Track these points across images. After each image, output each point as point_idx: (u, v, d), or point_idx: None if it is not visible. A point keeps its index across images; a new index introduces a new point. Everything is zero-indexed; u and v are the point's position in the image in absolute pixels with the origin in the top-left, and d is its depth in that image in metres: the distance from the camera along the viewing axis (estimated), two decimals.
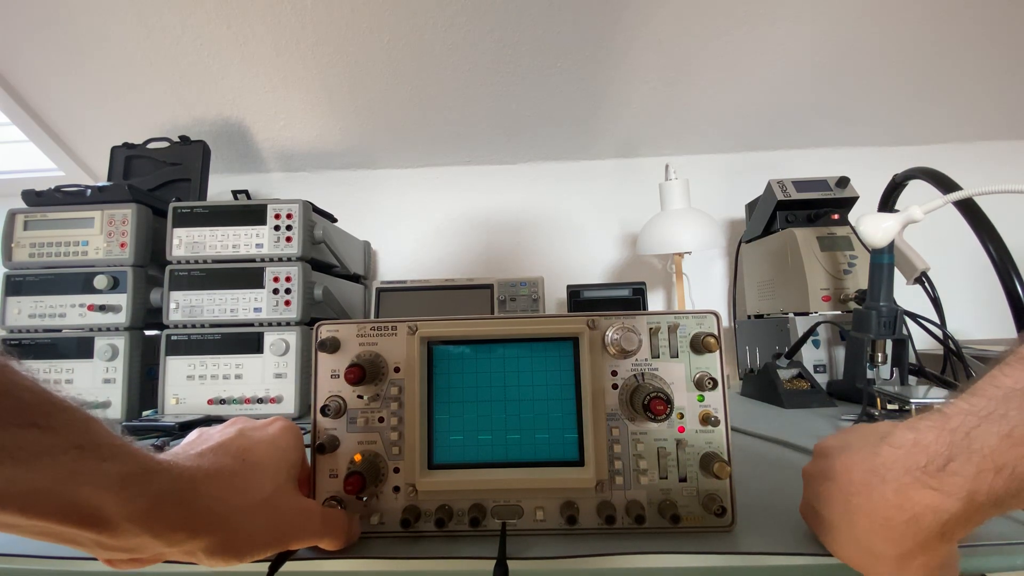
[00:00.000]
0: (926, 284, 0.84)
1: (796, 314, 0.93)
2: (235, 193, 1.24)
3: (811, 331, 0.85)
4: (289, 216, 0.83)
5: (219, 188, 1.29)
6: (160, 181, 1.06)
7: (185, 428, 0.69)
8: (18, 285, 0.83)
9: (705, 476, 0.36)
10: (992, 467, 0.21)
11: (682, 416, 0.37)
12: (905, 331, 0.76)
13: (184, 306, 0.82)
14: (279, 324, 0.81)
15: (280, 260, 0.83)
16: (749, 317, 1.12)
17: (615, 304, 1.03)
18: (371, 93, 1.11)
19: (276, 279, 0.81)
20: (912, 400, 0.60)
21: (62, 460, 0.21)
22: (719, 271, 1.31)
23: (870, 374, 0.73)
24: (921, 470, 0.23)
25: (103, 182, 0.91)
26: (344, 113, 1.17)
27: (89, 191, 0.85)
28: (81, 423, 0.22)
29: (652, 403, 0.34)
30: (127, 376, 0.81)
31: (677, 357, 0.38)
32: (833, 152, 1.30)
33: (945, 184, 0.64)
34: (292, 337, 0.80)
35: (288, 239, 0.82)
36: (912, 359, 0.78)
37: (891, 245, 0.71)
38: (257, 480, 0.30)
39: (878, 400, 0.65)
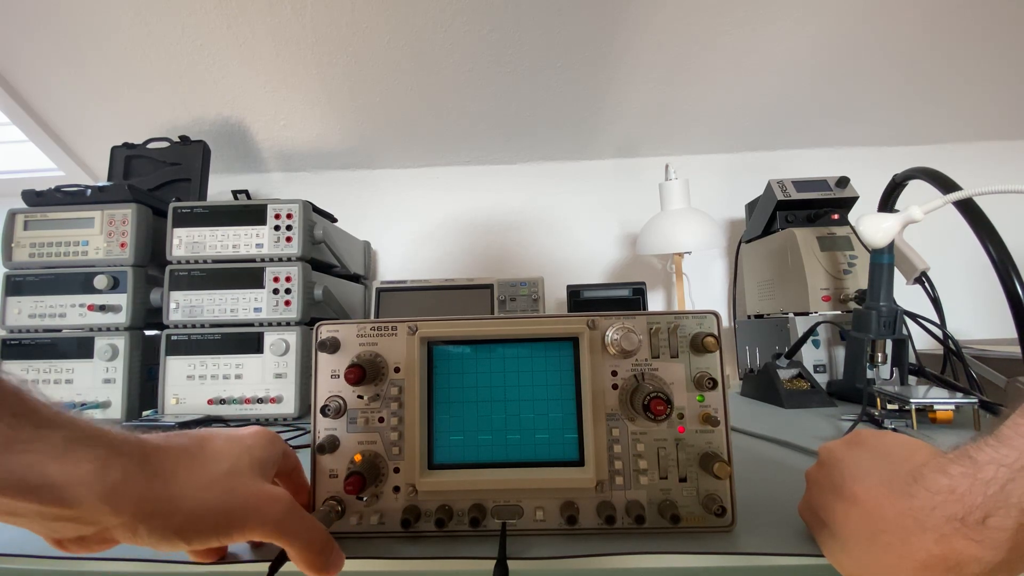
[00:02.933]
0: (926, 284, 0.84)
1: (796, 314, 0.93)
2: (235, 193, 1.24)
3: (811, 331, 0.85)
4: (289, 216, 0.83)
5: (219, 188, 1.29)
6: (160, 181, 1.06)
7: (185, 428, 0.68)
8: (18, 285, 0.83)
9: (705, 476, 0.36)
10: None
11: (682, 416, 0.37)
12: (905, 331, 0.76)
13: (184, 306, 0.82)
14: (279, 324, 0.81)
15: (280, 260, 0.83)
16: (749, 317, 1.12)
17: (615, 304, 1.03)
18: (371, 93, 1.11)
19: (276, 279, 0.81)
20: (912, 400, 0.60)
21: None
22: (719, 271, 1.31)
23: (870, 374, 0.73)
24: (960, 522, 0.23)
25: (103, 182, 0.91)
26: (344, 113, 1.17)
27: (89, 191, 0.85)
28: (12, 392, 0.22)
29: (652, 403, 0.34)
30: (127, 376, 0.81)
31: (677, 357, 0.38)
32: (833, 152, 1.30)
33: (945, 184, 0.64)
34: (292, 337, 0.80)
35: (288, 239, 0.82)
36: (912, 359, 0.78)
37: (891, 245, 0.71)
38: (212, 461, 0.29)
39: (878, 400, 0.66)
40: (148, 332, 0.86)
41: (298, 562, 0.30)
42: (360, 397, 0.38)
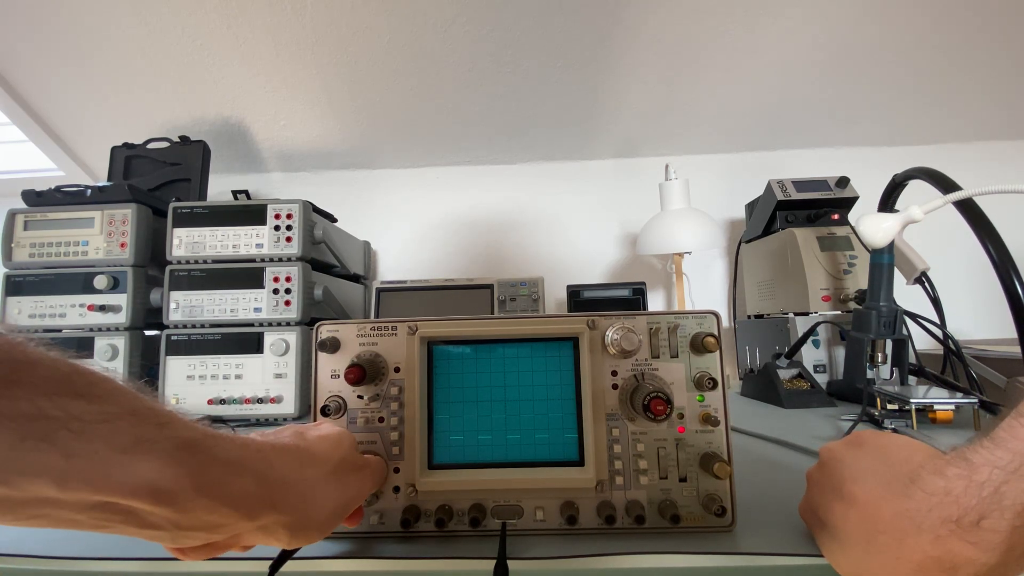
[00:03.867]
0: (926, 284, 0.84)
1: (796, 314, 0.93)
2: (235, 193, 1.24)
3: (811, 331, 0.85)
4: (289, 216, 0.83)
5: (219, 188, 1.29)
6: (160, 181, 1.06)
7: None
8: (18, 285, 0.83)
9: (705, 476, 0.36)
10: None
11: (682, 416, 0.37)
12: (905, 331, 0.76)
13: (184, 306, 0.82)
14: (279, 324, 0.81)
15: (280, 260, 0.83)
16: (749, 317, 1.12)
17: (615, 304, 1.03)
18: (371, 93, 1.11)
19: (276, 279, 0.81)
20: (912, 400, 0.60)
21: (120, 427, 0.19)
22: (719, 271, 1.31)
23: (870, 374, 0.73)
24: (955, 523, 0.23)
25: (103, 182, 0.91)
26: (344, 113, 1.17)
27: (89, 191, 0.85)
28: (125, 392, 0.21)
29: (652, 403, 0.34)
30: (127, 376, 0.80)
31: (677, 357, 0.38)
32: (833, 152, 1.30)
33: (945, 184, 0.64)
34: (292, 337, 0.80)
35: (288, 239, 0.82)
36: (912, 359, 0.78)
37: (891, 245, 0.71)
38: (322, 454, 0.30)
39: (878, 400, 0.66)
40: (148, 332, 0.86)
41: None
42: (360, 397, 0.38)
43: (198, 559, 0.25)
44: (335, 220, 1.09)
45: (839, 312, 0.89)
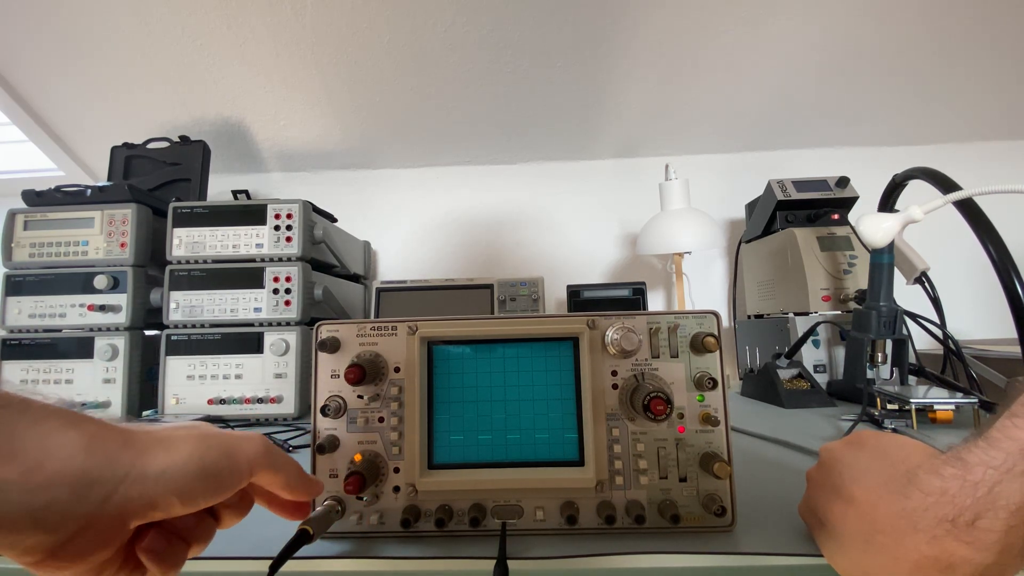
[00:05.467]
0: (926, 284, 0.84)
1: (796, 314, 0.93)
2: (235, 193, 1.24)
3: (811, 331, 0.85)
4: (289, 216, 0.83)
5: (219, 188, 1.29)
6: (160, 181, 1.06)
7: None
8: (18, 285, 0.83)
9: (705, 476, 0.36)
10: (1021, 522, 0.22)
11: (682, 416, 0.37)
12: (905, 331, 0.76)
13: (184, 306, 0.82)
14: (279, 324, 0.81)
15: (280, 260, 0.83)
16: (749, 317, 1.12)
17: (615, 304, 1.03)
18: (371, 93, 1.11)
19: (276, 279, 0.81)
20: (912, 400, 0.60)
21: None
22: (719, 271, 1.31)
23: (870, 374, 0.73)
24: (951, 523, 0.23)
25: (103, 182, 0.91)
26: (344, 113, 1.17)
27: (89, 191, 0.85)
28: None
29: (652, 403, 0.34)
30: (127, 376, 0.81)
31: (677, 357, 0.38)
32: (833, 152, 1.30)
33: (945, 184, 0.64)
34: (292, 337, 0.80)
35: (288, 239, 0.82)
36: (912, 359, 0.78)
37: (891, 245, 0.71)
38: (179, 429, 0.27)
39: (878, 400, 0.66)
40: (148, 332, 0.86)
41: (285, 490, 0.30)
42: (360, 397, 0.38)
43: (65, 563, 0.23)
44: (335, 220, 1.09)
45: (839, 312, 0.89)
